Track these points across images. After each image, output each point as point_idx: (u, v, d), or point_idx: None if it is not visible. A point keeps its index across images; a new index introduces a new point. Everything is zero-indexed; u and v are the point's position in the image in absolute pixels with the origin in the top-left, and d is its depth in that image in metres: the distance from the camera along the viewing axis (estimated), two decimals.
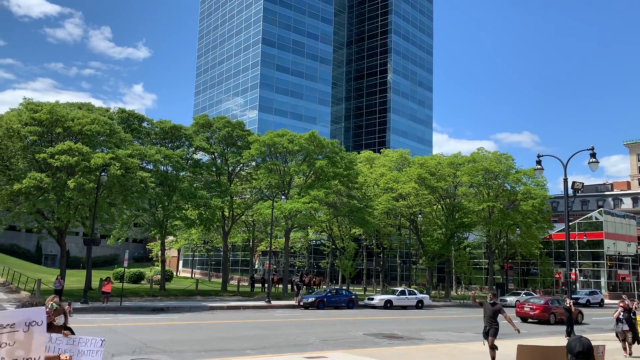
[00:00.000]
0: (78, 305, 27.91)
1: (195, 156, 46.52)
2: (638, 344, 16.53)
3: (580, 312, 31.17)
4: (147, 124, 44.20)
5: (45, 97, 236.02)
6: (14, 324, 3.95)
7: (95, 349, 5.89)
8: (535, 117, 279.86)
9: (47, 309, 6.07)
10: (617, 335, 16.73)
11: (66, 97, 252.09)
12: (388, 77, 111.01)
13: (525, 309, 31.26)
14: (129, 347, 15.69)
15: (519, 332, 14.13)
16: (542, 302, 31.40)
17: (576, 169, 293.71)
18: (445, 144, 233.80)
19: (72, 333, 6.36)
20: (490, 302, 14.33)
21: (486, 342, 13.93)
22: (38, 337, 4.06)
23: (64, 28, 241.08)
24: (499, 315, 13.87)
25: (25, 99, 34.86)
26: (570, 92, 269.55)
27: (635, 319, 23.36)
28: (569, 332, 21.57)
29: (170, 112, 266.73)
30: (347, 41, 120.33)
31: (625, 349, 16.19)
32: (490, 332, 13.76)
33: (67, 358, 5.34)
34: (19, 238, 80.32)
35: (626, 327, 16.28)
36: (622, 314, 16.54)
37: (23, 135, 31.93)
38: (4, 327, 3.93)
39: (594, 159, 21.06)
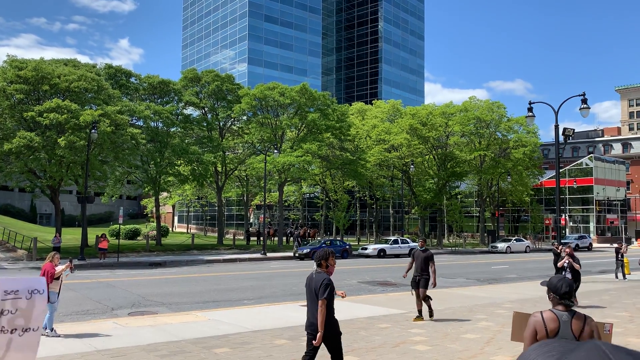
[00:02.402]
0: (76, 262, 28.22)
1: (185, 111, 46.08)
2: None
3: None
4: (135, 80, 43.54)
5: (29, 54, 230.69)
6: (18, 290, 3.96)
7: None
8: (528, 64, 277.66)
9: None
10: None
11: (51, 54, 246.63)
12: (379, 26, 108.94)
13: None
14: (128, 300, 16.02)
15: (435, 285, 12.31)
16: None
17: (568, 116, 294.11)
18: (438, 94, 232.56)
19: None
20: (422, 248, 12.54)
21: (414, 292, 12.37)
22: (39, 306, 4.10)
23: None
24: (430, 263, 12.25)
25: (9, 56, 34.16)
26: (563, 39, 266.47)
27: (623, 261, 24.00)
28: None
29: (158, 67, 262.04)
30: None
31: None
32: (421, 282, 12.12)
33: None
34: (13, 198, 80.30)
35: (569, 275, 14.64)
36: (567, 262, 14.90)
37: (9, 93, 31.42)
38: (8, 294, 3.93)
39: (585, 105, 21.08)
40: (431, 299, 12.29)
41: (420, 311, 12.17)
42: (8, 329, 3.85)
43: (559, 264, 15.06)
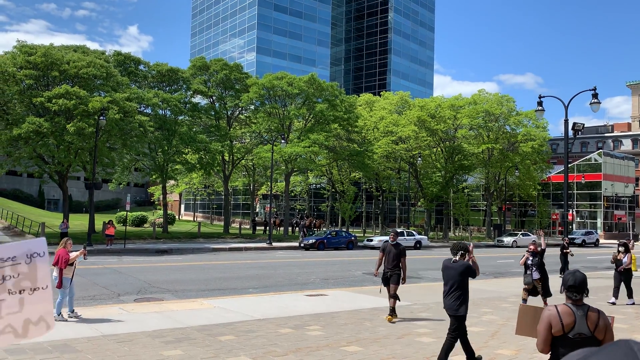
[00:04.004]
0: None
1: (193, 100, 46.08)
2: (547, 296, 12.44)
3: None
4: (144, 67, 43.53)
5: (39, 39, 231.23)
6: (15, 256, 3.92)
7: None
8: (539, 58, 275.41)
9: None
10: (525, 287, 12.70)
11: (61, 40, 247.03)
12: (389, 17, 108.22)
13: None
14: (134, 286, 16.13)
15: (404, 282, 11.36)
16: None
17: (578, 111, 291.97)
18: (447, 86, 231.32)
19: None
20: (393, 243, 11.45)
21: (384, 289, 11.51)
22: (42, 268, 4.05)
23: None
24: (401, 258, 11.30)
25: (19, 41, 34.18)
26: (575, 33, 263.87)
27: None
28: (562, 270, 22.20)
29: (167, 55, 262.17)
30: None
31: (525, 300, 12.46)
32: (392, 278, 11.24)
33: None
34: (21, 183, 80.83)
35: (537, 276, 12.34)
36: (530, 259, 12.49)
37: (19, 79, 31.51)
38: (5, 261, 3.89)
39: (595, 100, 20.87)
40: (399, 300, 11.44)
41: (393, 309, 11.31)
42: (15, 291, 3.84)
43: (521, 262, 12.83)
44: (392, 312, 11.28)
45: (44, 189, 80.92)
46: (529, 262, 12.50)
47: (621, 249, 14.63)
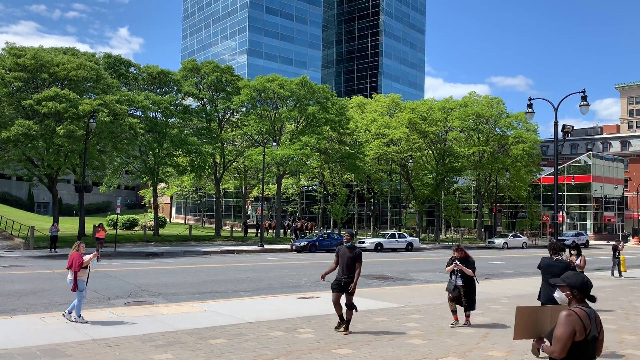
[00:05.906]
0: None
1: (184, 102, 45.96)
2: (470, 309, 10.88)
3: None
4: (134, 70, 43.37)
5: (28, 41, 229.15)
6: None
7: None
8: (530, 61, 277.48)
9: None
10: (449, 295, 10.94)
11: (51, 42, 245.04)
12: (380, 19, 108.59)
13: None
14: (125, 290, 16.03)
15: (353, 291, 9.93)
16: None
17: (568, 113, 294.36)
18: (439, 88, 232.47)
19: None
20: (347, 244, 10.11)
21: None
22: None
23: None
24: (357, 263, 9.92)
25: (7, 43, 33.95)
26: (565, 35, 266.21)
27: (619, 258, 24.04)
28: None
29: (158, 57, 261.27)
30: None
31: (454, 312, 10.91)
32: (347, 286, 9.89)
33: None
34: (10, 186, 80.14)
35: (460, 282, 10.74)
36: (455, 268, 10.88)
37: (8, 81, 31.27)
38: None
39: (584, 102, 21.03)
40: (356, 310, 10.11)
41: (341, 316, 10.08)
42: None
43: (447, 269, 11.07)
44: (344, 323, 10.09)
45: (34, 192, 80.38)
46: (455, 268, 10.92)
47: (573, 252, 14.20)
